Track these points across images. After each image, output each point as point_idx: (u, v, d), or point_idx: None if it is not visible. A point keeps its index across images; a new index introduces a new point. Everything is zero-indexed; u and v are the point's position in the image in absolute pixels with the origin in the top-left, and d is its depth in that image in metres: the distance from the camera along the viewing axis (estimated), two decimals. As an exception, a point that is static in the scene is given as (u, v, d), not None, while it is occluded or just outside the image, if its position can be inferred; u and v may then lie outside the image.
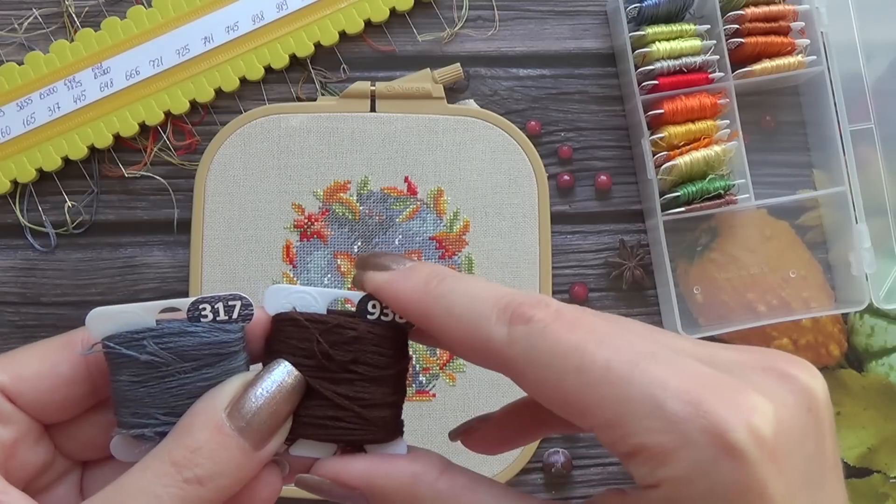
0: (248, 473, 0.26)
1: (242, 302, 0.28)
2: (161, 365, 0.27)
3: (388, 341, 0.29)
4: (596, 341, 0.26)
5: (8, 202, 0.61)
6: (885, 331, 0.62)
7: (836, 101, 0.60)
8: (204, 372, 0.28)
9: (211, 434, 0.26)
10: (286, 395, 0.27)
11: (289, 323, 0.28)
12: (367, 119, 0.59)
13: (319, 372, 0.28)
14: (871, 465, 0.61)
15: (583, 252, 0.62)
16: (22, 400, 0.28)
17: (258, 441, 0.26)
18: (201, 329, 0.28)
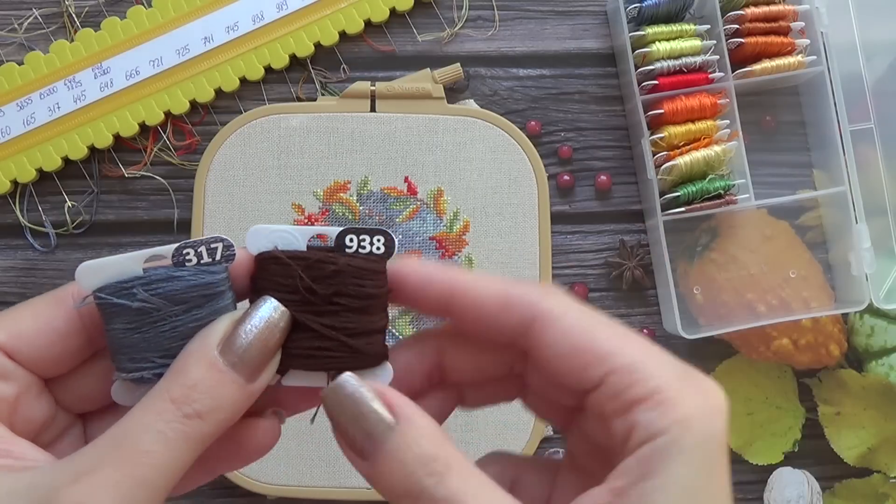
0: (243, 406, 0.28)
1: (224, 244, 0.29)
2: (152, 310, 0.28)
3: (367, 272, 0.30)
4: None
5: (8, 202, 0.61)
6: (885, 331, 0.62)
7: (836, 101, 0.60)
8: (194, 313, 0.29)
9: (206, 371, 0.27)
10: (273, 329, 0.28)
11: (272, 261, 0.30)
12: (367, 119, 0.59)
13: (304, 306, 0.29)
14: (871, 465, 0.61)
15: (583, 252, 0.62)
16: (21, 356, 0.29)
17: (250, 374, 0.27)
18: (187, 273, 0.29)
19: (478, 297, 0.29)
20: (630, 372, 0.26)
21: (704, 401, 0.26)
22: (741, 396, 0.62)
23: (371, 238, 0.30)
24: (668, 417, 0.25)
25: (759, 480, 0.61)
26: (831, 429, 0.62)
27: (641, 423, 0.26)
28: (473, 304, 0.29)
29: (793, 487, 0.61)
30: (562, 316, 0.28)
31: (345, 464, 0.59)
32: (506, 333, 0.29)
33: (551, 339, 0.28)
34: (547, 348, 0.28)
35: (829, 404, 0.62)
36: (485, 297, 0.29)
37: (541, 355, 0.28)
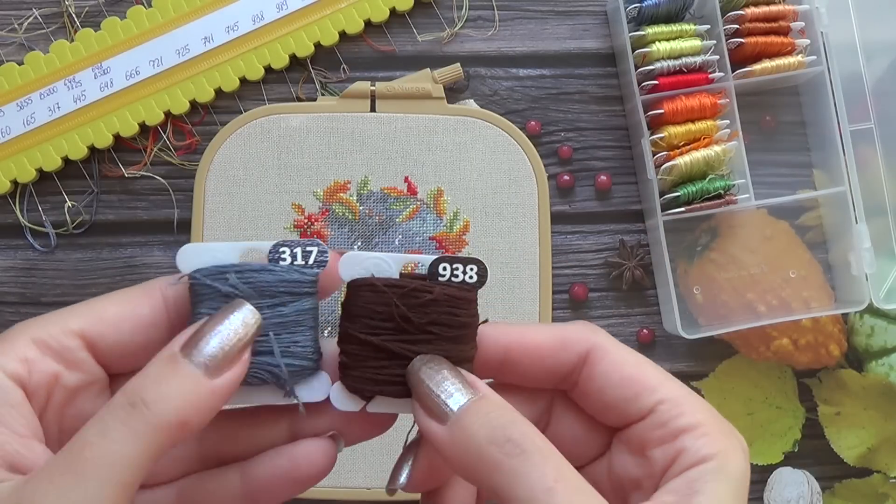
0: (202, 401, 0.27)
1: (319, 248, 0.30)
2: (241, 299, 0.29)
3: (461, 301, 0.30)
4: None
5: (8, 202, 0.61)
6: (885, 331, 0.62)
7: (836, 101, 0.60)
8: (278, 309, 0.29)
9: (161, 364, 0.27)
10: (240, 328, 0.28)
11: (367, 288, 0.30)
12: (367, 119, 0.59)
13: (398, 334, 0.29)
14: (871, 465, 0.61)
15: (583, 252, 0.62)
16: (102, 342, 0.29)
17: (210, 369, 0.27)
18: (280, 269, 0.29)
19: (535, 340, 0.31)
20: (678, 404, 0.29)
21: (738, 442, 0.30)
22: (741, 396, 0.62)
23: (464, 267, 0.31)
24: (714, 447, 0.28)
25: (759, 480, 0.61)
26: (831, 429, 0.62)
27: (690, 449, 0.28)
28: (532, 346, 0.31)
29: (793, 487, 0.61)
30: (613, 350, 0.30)
31: (345, 464, 0.60)
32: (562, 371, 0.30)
33: (604, 369, 0.30)
34: (600, 378, 0.30)
35: (829, 404, 0.62)
36: (542, 340, 0.31)
37: (592, 385, 0.30)
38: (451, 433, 0.28)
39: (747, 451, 0.30)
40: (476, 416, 0.27)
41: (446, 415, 0.28)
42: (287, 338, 0.30)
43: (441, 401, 0.28)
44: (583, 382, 0.30)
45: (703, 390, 0.62)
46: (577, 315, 0.62)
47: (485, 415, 0.27)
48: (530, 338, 0.31)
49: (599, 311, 0.62)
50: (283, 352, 0.29)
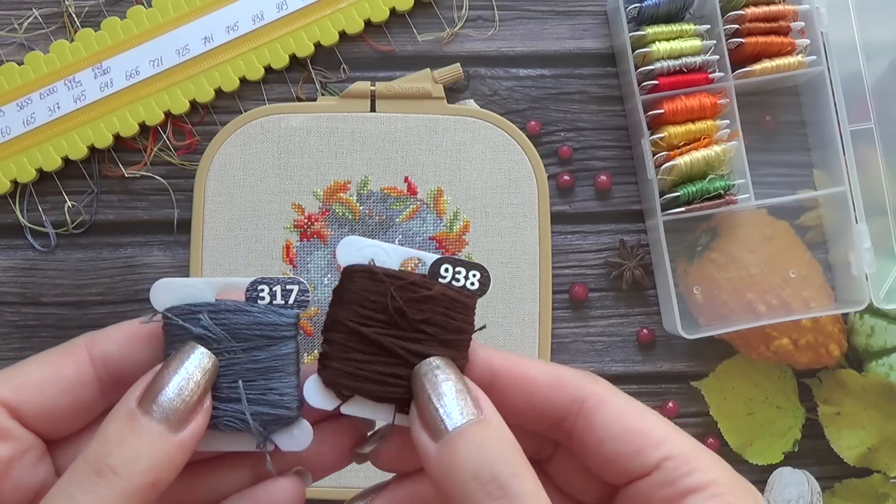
0: (170, 458, 0.25)
1: (300, 287, 0.28)
2: (212, 341, 0.27)
3: (459, 305, 0.28)
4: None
5: (8, 202, 0.61)
6: (885, 331, 0.62)
7: (836, 101, 0.60)
8: (253, 353, 0.27)
9: (121, 423, 0.25)
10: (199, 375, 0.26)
11: (363, 275, 0.28)
12: (367, 119, 0.59)
13: (389, 328, 0.27)
14: (871, 465, 0.61)
15: (583, 252, 0.62)
16: (27, 408, 0.27)
17: (173, 424, 0.25)
18: (256, 309, 0.28)
19: (529, 374, 0.28)
20: (687, 461, 0.26)
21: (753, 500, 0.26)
22: (741, 396, 0.62)
23: (467, 272, 0.29)
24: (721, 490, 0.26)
25: (759, 480, 0.61)
26: (831, 429, 0.62)
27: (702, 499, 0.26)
28: (524, 379, 0.28)
29: (793, 487, 0.61)
30: (612, 398, 0.28)
31: (345, 464, 0.59)
32: (553, 413, 0.28)
33: (604, 420, 0.27)
34: (599, 429, 0.27)
35: (829, 404, 0.62)
36: (536, 374, 0.28)
37: (590, 437, 0.27)
38: (440, 455, 0.25)
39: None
40: (469, 442, 0.25)
41: (441, 432, 0.26)
42: (263, 384, 0.28)
43: (439, 415, 0.26)
44: (579, 433, 0.28)
45: (703, 390, 0.62)
46: (577, 314, 0.62)
47: (478, 443, 0.25)
48: (523, 368, 0.28)
49: (599, 311, 0.62)
50: (258, 399, 0.27)
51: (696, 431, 0.62)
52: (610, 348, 0.62)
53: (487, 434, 0.25)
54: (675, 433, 0.27)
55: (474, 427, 0.25)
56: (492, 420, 0.26)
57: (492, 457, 0.25)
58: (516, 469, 0.25)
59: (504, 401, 0.28)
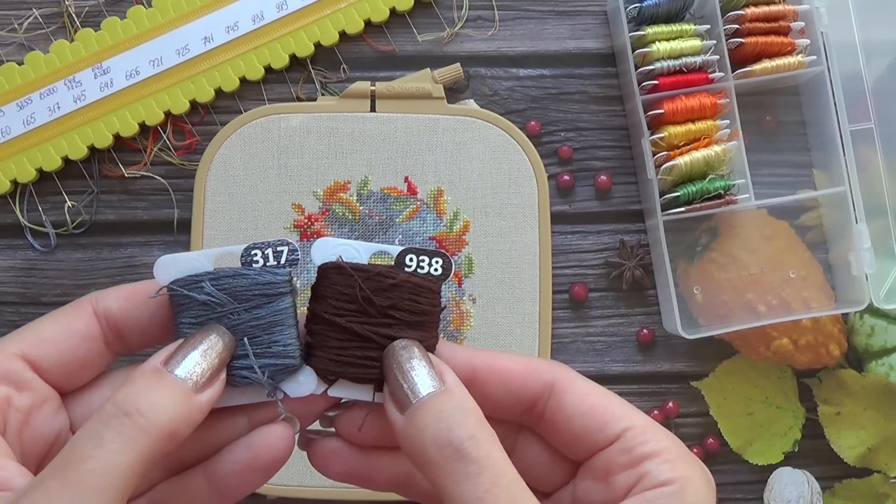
0: (190, 414, 0.28)
1: (289, 248, 0.31)
2: (217, 305, 0.30)
3: (423, 290, 0.31)
4: None
5: (8, 202, 0.61)
6: (885, 331, 0.62)
7: (836, 101, 0.60)
8: (255, 312, 0.30)
9: (148, 376, 0.28)
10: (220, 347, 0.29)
11: (334, 271, 0.31)
12: (367, 119, 0.59)
13: (360, 316, 0.30)
14: (871, 465, 0.61)
15: (583, 252, 0.62)
16: (44, 361, 0.30)
17: (196, 387, 0.28)
18: (252, 272, 0.30)
19: (505, 365, 0.31)
20: (644, 431, 0.30)
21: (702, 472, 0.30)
22: (741, 396, 0.62)
23: (430, 259, 0.32)
24: (676, 472, 0.29)
25: (759, 480, 0.61)
26: (831, 429, 0.62)
27: (652, 472, 0.29)
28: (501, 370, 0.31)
29: (793, 487, 0.61)
30: (579, 382, 0.31)
31: (345, 464, 0.59)
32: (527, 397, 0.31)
33: (572, 399, 0.31)
34: (568, 407, 0.31)
35: (829, 404, 0.62)
36: (510, 364, 0.31)
37: (560, 415, 0.31)
38: (405, 425, 0.28)
39: (712, 481, 0.30)
40: (430, 410, 0.28)
41: (406, 405, 0.28)
42: (267, 338, 0.31)
43: (404, 389, 0.28)
44: (550, 413, 0.31)
45: (703, 390, 0.62)
46: (577, 314, 0.62)
47: (438, 411, 0.28)
48: (499, 362, 0.31)
49: (599, 311, 0.62)
50: (264, 352, 0.30)
51: (696, 431, 0.62)
52: (610, 348, 0.62)
53: (447, 403, 0.28)
54: (633, 410, 0.31)
55: (435, 397, 0.28)
56: (453, 390, 0.28)
57: (449, 423, 0.27)
58: (472, 432, 0.27)
59: (485, 392, 0.31)
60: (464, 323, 0.58)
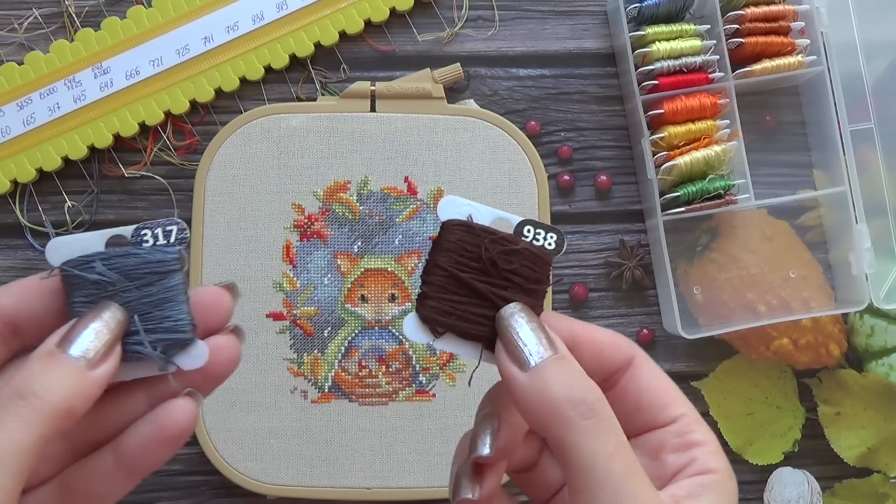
0: (86, 390, 0.29)
1: (178, 227, 0.32)
2: (108, 284, 0.31)
3: (540, 260, 0.33)
4: None
5: (8, 202, 0.61)
6: (885, 331, 0.62)
7: (836, 101, 0.60)
8: (146, 290, 0.31)
9: (42, 359, 0.29)
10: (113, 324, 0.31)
11: (461, 228, 0.32)
12: (367, 119, 0.59)
13: (482, 275, 0.32)
14: (871, 465, 0.61)
15: (583, 252, 0.62)
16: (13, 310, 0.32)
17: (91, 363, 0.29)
18: (142, 251, 0.31)
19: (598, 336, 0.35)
20: (695, 421, 0.34)
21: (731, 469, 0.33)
22: (741, 396, 0.62)
23: (546, 234, 0.33)
24: (718, 464, 0.33)
25: (759, 480, 0.61)
26: (831, 429, 0.62)
27: (700, 460, 0.33)
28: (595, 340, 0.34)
29: (793, 487, 0.61)
30: (651, 362, 0.35)
31: (345, 463, 0.60)
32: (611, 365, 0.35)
33: (645, 375, 0.34)
34: (641, 381, 0.34)
35: (829, 404, 0.62)
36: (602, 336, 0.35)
37: (632, 386, 0.34)
38: (531, 381, 0.30)
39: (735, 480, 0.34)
40: (557, 372, 0.30)
41: (527, 364, 0.31)
42: (159, 314, 0.31)
43: (526, 350, 0.31)
44: (624, 383, 0.35)
45: (703, 390, 0.62)
46: (577, 315, 0.62)
47: (565, 373, 0.31)
48: (593, 332, 0.35)
49: (599, 311, 0.62)
50: (156, 328, 0.31)
51: (696, 431, 0.62)
52: (610, 348, 0.62)
53: (570, 367, 0.31)
54: (688, 400, 0.35)
55: (557, 362, 0.31)
56: (568, 357, 0.31)
57: (579, 385, 0.30)
58: (599, 395, 0.30)
59: (579, 358, 0.33)
60: (464, 323, 0.58)
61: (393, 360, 0.58)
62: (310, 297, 0.58)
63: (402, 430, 0.58)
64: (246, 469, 0.57)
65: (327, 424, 0.58)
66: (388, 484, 0.58)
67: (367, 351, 0.58)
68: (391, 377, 0.58)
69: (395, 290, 0.58)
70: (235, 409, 0.57)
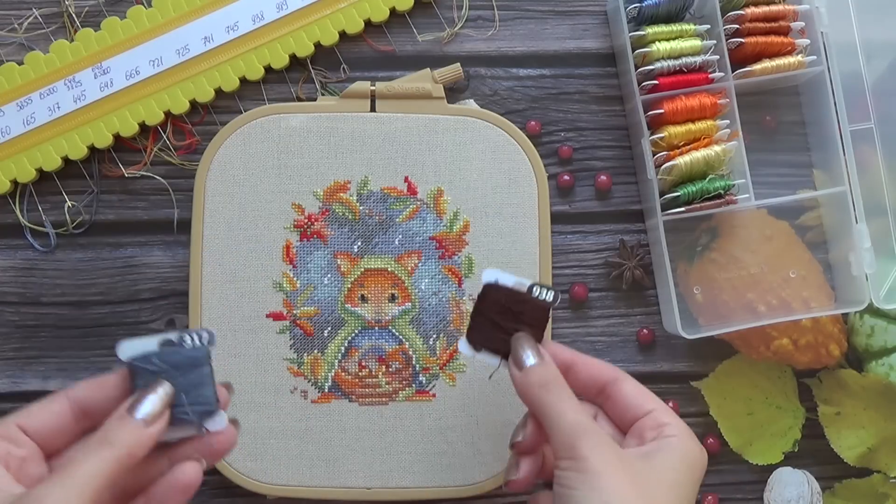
0: (143, 441, 0.42)
1: (208, 333, 0.46)
2: (160, 372, 0.44)
3: (539, 308, 0.50)
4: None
5: (8, 202, 0.61)
6: (885, 331, 0.62)
7: (836, 101, 0.60)
8: (186, 376, 0.44)
9: (115, 419, 0.42)
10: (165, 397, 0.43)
11: (493, 288, 0.50)
12: (367, 119, 0.59)
13: (502, 317, 0.50)
14: (871, 465, 0.61)
15: (583, 252, 0.62)
16: (32, 428, 0.43)
17: (148, 423, 0.42)
18: (185, 350, 0.45)
19: (589, 360, 0.50)
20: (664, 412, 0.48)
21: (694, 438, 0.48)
22: (741, 396, 0.62)
23: (546, 291, 0.50)
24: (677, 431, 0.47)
25: (759, 480, 0.61)
26: (831, 429, 0.62)
27: (664, 430, 0.47)
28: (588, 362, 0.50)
29: (793, 487, 0.61)
30: (630, 378, 0.49)
31: (345, 463, 0.60)
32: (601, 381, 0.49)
33: (628, 388, 0.49)
34: (625, 391, 0.49)
35: (829, 404, 0.62)
36: (593, 360, 0.50)
37: (619, 395, 0.49)
38: (522, 377, 0.48)
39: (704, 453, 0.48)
40: (536, 370, 0.48)
41: (522, 366, 0.48)
42: (195, 393, 0.44)
43: (522, 359, 0.48)
44: (614, 395, 0.49)
45: (703, 390, 0.62)
46: (577, 315, 0.62)
47: (540, 371, 0.48)
48: (587, 358, 0.50)
49: (599, 311, 0.62)
50: (194, 402, 0.44)
51: (696, 431, 0.61)
52: (610, 348, 0.62)
53: (545, 369, 0.48)
54: (659, 400, 0.49)
55: (538, 365, 0.48)
56: (548, 363, 0.48)
57: (547, 378, 0.47)
58: (560, 382, 0.47)
59: (577, 374, 0.49)
60: (464, 323, 0.58)
61: (393, 360, 0.58)
62: (310, 297, 0.58)
63: (402, 430, 0.58)
64: (246, 469, 0.57)
65: (327, 424, 0.58)
66: (388, 484, 0.58)
67: (367, 351, 0.58)
68: (391, 377, 0.58)
69: (394, 290, 0.58)
70: (235, 409, 0.57)
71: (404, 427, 0.58)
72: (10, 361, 0.61)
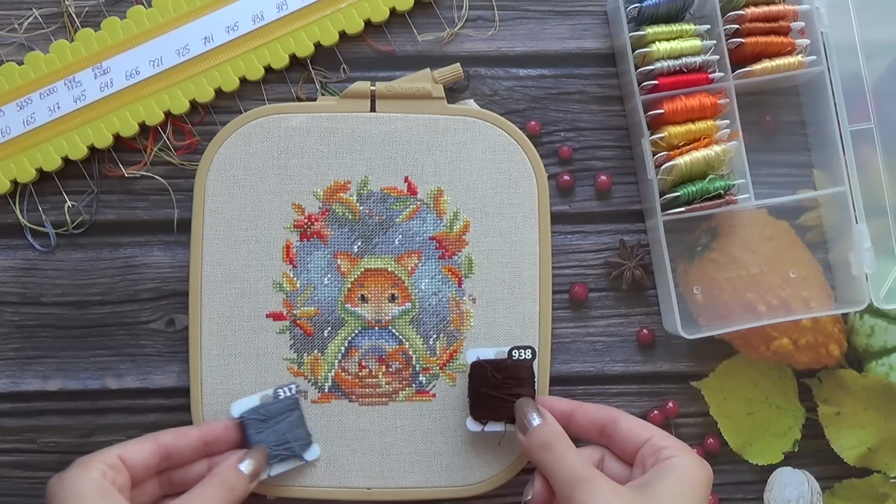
0: (246, 489, 0.53)
1: (296, 386, 0.57)
2: (266, 420, 0.55)
3: (521, 367, 0.55)
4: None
5: (8, 202, 0.61)
6: (885, 331, 0.62)
7: (836, 101, 0.60)
8: (285, 420, 0.56)
9: (229, 467, 0.53)
10: (262, 457, 0.54)
11: (476, 365, 0.55)
12: (367, 119, 0.59)
13: (492, 387, 0.54)
14: (871, 465, 0.61)
15: (583, 252, 0.62)
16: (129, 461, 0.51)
17: (251, 477, 0.53)
18: (281, 401, 0.56)
19: (588, 406, 0.54)
20: (661, 437, 0.51)
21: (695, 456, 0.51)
22: (741, 396, 0.62)
23: (524, 351, 0.55)
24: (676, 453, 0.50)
25: (759, 480, 0.62)
26: (831, 429, 0.62)
27: (663, 454, 0.50)
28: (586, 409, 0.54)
29: (793, 487, 0.61)
30: (627, 415, 0.53)
31: (345, 464, 0.60)
32: (599, 423, 0.53)
33: (627, 423, 0.52)
34: (624, 427, 0.52)
35: (829, 404, 0.62)
36: (590, 406, 0.54)
37: (618, 433, 0.52)
38: (526, 440, 0.52)
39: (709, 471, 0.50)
40: (538, 432, 0.52)
41: (527, 429, 0.52)
42: (294, 432, 0.56)
43: (525, 423, 0.53)
44: (617, 432, 0.52)
45: (703, 390, 0.62)
46: (577, 314, 0.62)
47: (541, 433, 0.52)
48: (585, 405, 0.55)
49: (599, 311, 0.62)
50: (293, 439, 0.56)
51: (696, 431, 0.62)
52: (610, 348, 0.62)
53: (547, 428, 0.52)
54: (656, 427, 0.52)
55: (541, 426, 0.52)
56: (550, 421, 0.53)
57: (547, 437, 0.51)
58: (559, 440, 0.51)
59: (576, 421, 0.54)
60: (464, 323, 0.58)
61: (393, 360, 0.58)
62: (310, 297, 0.58)
63: (402, 430, 0.58)
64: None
65: (327, 424, 0.58)
66: (388, 484, 0.58)
67: (367, 351, 0.58)
68: (391, 377, 0.58)
69: (394, 290, 0.58)
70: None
71: (404, 427, 0.58)
72: (10, 361, 0.61)
